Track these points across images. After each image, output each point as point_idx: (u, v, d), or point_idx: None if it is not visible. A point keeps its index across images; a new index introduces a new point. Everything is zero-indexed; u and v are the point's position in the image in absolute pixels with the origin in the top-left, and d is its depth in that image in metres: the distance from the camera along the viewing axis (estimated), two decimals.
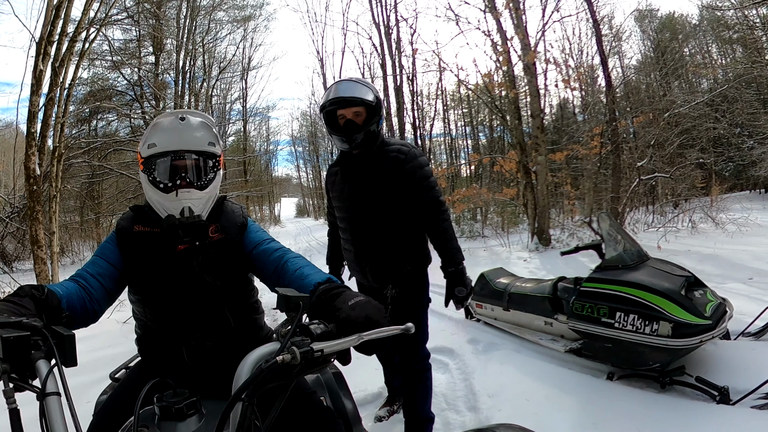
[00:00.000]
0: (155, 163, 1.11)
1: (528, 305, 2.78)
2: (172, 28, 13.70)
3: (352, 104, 1.61)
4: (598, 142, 8.11)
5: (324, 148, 27.49)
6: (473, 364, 2.54)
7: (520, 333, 2.82)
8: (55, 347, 0.65)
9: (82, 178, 11.99)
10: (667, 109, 7.46)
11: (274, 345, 0.68)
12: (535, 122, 8.13)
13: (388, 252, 1.74)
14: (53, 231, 5.65)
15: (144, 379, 0.80)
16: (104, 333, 3.74)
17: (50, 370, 0.61)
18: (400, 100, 11.40)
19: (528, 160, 8.09)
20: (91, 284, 1.04)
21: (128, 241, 1.14)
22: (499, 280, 3.12)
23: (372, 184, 1.69)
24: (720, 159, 10.86)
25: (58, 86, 5.55)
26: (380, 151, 1.71)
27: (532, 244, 7.82)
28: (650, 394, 2.05)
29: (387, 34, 11.70)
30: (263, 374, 0.59)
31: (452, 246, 1.71)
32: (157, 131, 1.12)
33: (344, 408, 1.28)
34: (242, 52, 16.49)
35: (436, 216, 1.70)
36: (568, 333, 2.55)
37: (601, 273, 2.36)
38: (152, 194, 1.13)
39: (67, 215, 12.08)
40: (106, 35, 11.33)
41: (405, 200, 1.70)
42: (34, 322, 0.68)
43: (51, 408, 0.58)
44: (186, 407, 0.77)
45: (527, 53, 7.79)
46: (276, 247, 1.14)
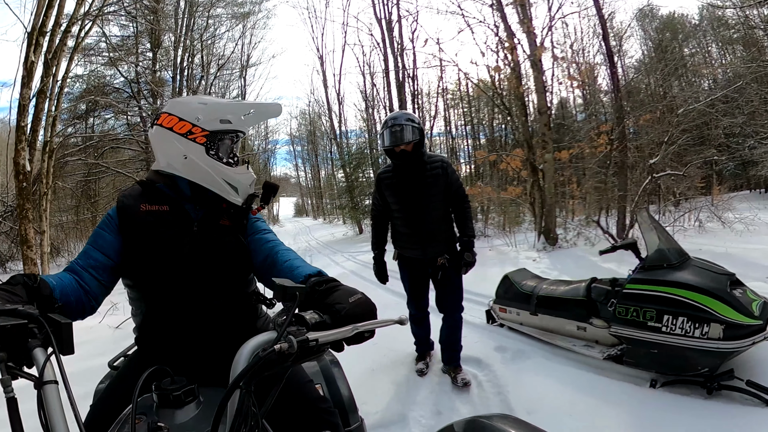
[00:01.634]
0: (223, 138, 1.13)
1: (559, 309, 2.57)
2: (170, 24, 13.47)
3: (411, 143, 2.30)
4: (605, 140, 7.97)
5: (323, 147, 27.30)
6: (505, 375, 2.34)
7: (550, 339, 2.62)
8: (53, 335, 0.64)
9: (77, 177, 11.73)
10: (677, 106, 7.29)
11: (270, 334, 0.68)
12: (542, 119, 7.94)
13: (438, 232, 2.45)
14: (44, 230, 5.39)
15: (142, 367, 0.79)
16: (95, 340, 3.51)
17: (47, 359, 0.61)
18: (402, 97, 11.21)
19: (535, 158, 7.90)
20: (84, 279, 1.00)
21: (132, 222, 1.08)
22: (525, 282, 2.91)
23: (426, 183, 2.38)
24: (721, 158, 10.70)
25: (51, 79, 5.30)
26: (428, 161, 2.40)
27: (539, 244, 7.64)
28: (697, 401, 1.93)
29: (389, 30, 11.51)
30: (261, 362, 0.60)
31: (469, 224, 2.47)
32: (223, 107, 1.14)
33: (341, 396, 1.31)
34: (241, 49, 16.25)
35: (463, 204, 2.48)
36: (603, 338, 2.37)
37: (645, 273, 2.18)
38: (212, 167, 1.11)
39: (62, 214, 11.80)
40: (104, 31, 11.13)
41: (445, 194, 2.42)
42: (29, 309, 0.67)
43: (49, 397, 0.57)
44: (184, 394, 0.77)
45: (534, 49, 7.61)
46: (271, 239, 1.16)
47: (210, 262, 1.08)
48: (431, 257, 2.43)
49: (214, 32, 15.16)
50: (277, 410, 0.98)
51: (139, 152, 12.01)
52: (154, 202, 1.10)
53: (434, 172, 2.37)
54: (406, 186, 2.39)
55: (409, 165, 2.35)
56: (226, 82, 16.54)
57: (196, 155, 1.10)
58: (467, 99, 18.34)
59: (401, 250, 2.55)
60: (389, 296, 4.65)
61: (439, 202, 2.41)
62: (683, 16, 16.52)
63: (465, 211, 2.47)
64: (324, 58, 17.71)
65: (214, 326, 1.09)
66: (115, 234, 1.07)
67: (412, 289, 2.59)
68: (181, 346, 1.08)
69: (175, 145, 1.10)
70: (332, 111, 18.25)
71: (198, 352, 1.08)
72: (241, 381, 0.60)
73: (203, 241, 1.09)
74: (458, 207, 2.46)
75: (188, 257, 1.07)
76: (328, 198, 27.44)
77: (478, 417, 0.75)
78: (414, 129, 2.27)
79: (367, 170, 17.33)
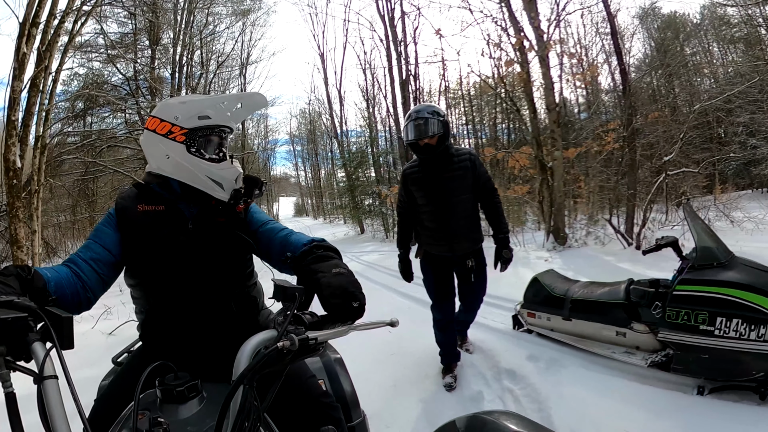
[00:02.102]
0: (204, 134, 1.13)
1: (596, 313, 2.37)
2: (169, 19, 13.26)
3: (434, 136, 2.21)
4: (612, 138, 7.81)
5: (323, 146, 27.09)
6: (543, 388, 2.12)
7: (586, 346, 2.41)
8: (53, 329, 0.62)
9: (74, 175, 11.51)
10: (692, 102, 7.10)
11: (271, 332, 0.70)
12: (550, 116, 7.76)
13: (466, 228, 2.37)
14: (34, 230, 5.15)
15: (146, 362, 0.78)
16: (87, 347, 3.28)
17: (47, 353, 0.59)
18: (406, 94, 11.01)
19: (543, 156, 7.70)
20: (83, 270, 1.00)
21: (130, 222, 1.09)
22: (556, 284, 2.70)
23: (454, 177, 2.28)
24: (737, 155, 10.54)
25: (44, 71, 5.07)
26: (456, 154, 2.30)
27: (548, 243, 7.44)
28: (750, 407, 1.81)
29: (392, 26, 11.31)
30: (264, 359, 0.62)
31: (503, 219, 2.40)
32: (201, 103, 1.14)
33: (343, 391, 1.33)
34: (241, 47, 16.04)
35: (493, 198, 2.40)
36: (645, 344, 2.18)
37: (695, 273, 2.00)
38: (194, 164, 1.11)
39: (59, 214, 11.58)
40: (102, 27, 10.92)
41: (474, 188, 2.33)
42: (26, 302, 0.65)
43: (49, 392, 0.56)
44: (187, 390, 0.78)
45: (542, 45, 7.42)
46: (279, 227, 1.19)
47: (207, 258, 1.10)
48: (459, 255, 2.35)
49: (213, 29, 14.96)
50: (281, 405, 0.99)
51: (137, 151, 11.79)
52: (150, 203, 1.12)
53: (462, 164, 2.29)
54: (433, 180, 2.30)
55: (436, 159, 2.26)
56: (226, 80, 16.34)
57: (177, 154, 1.11)
58: (468, 98, 18.15)
59: (428, 247, 2.44)
60: (402, 300, 4.45)
61: (468, 197, 2.33)
62: (684, 15, 16.46)
63: (496, 206, 2.39)
64: (325, 56, 17.53)
65: (216, 322, 1.11)
66: (116, 231, 1.09)
67: (438, 290, 2.44)
68: (184, 342, 1.09)
69: (159, 146, 1.12)
70: (333, 109, 18.04)
71: (201, 348, 1.08)
72: (245, 378, 0.61)
73: (199, 239, 1.10)
74: (488, 202, 2.39)
75: (185, 255, 1.08)
76: (329, 198, 27.25)
77: (479, 413, 0.76)
78: (438, 122, 2.19)
79: (368, 170, 17.14)
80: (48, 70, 5.09)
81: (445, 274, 2.43)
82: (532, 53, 7.69)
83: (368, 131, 17.10)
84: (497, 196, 2.41)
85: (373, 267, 8.10)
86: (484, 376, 2.38)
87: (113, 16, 12.30)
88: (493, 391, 2.21)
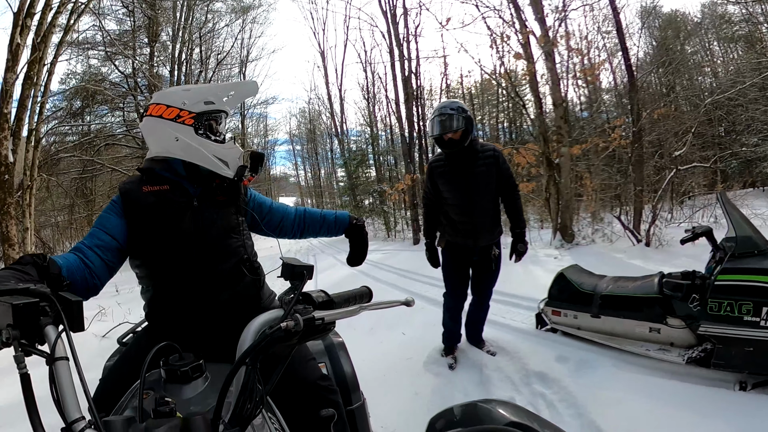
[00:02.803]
0: (211, 117, 1.22)
1: (627, 310, 2.21)
2: (168, 16, 13.12)
3: (458, 131, 2.32)
4: (618, 135, 7.71)
5: (323, 146, 26.95)
6: (578, 392, 1.95)
7: (618, 344, 2.26)
8: (63, 313, 0.64)
9: (72, 174, 11.35)
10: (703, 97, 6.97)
11: (277, 312, 0.69)
12: (557, 111, 7.62)
13: (490, 221, 2.46)
14: (27, 227, 4.97)
15: (151, 343, 0.80)
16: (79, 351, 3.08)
17: (58, 336, 0.61)
18: (408, 90, 10.86)
19: (550, 152, 7.55)
20: (89, 258, 1.03)
21: (135, 203, 1.13)
22: (583, 280, 2.54)
23: (480, 172, 2.38)
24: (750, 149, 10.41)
25: (38, 63, 4.91)
26: (480, 149, 2.41)
27: (556, 241, 7.30)
28: None
29: (394, 22, 11.18)
30: (267, 340, 0.60)
31: (521, 216, 2.51)
32: (205, 90, 1.23)
33: (344, 374, 1.34)
34: (240, 44, 15.89)
35: (513, 193, 2.50)
36: (680, 339, 2.05)
37: (736, 262, 1.87)
38: (202, 145, 1.18)
39: (57, 214, 11.42)
40: (102, 23, 10.78)
41: (497, 183, 2.42)
42: (41, 288, 0.68)
43: (60, 372, 0.58)
44: (191, 370, 0.79)
45: (548, 41, 7.29)
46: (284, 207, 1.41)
47: (211, 235, 1.14)
48: (482, 246, 2.45)
49: (213, 26, 14.82)
50: (280, 387, 0.99)
51: (135, 149, 11.64)
52: (154, 184, 1.16)
53: (487, 160, 2.39)
54: (458, 175, 2.41)
55: (461, 154, 2.37)
56: (225, 78, 16.17)
57: (186, 136, 1.17)
58: (469, 97, 18.01)
59: (451, 238, 2.53)
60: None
61: (491, 192, 2.42)
62: (685, 14, 16.46)
63: (516, 202, 2.49)
64: (325, 53, 17.37)
65: (220, 301, 1.14)
66: (120, 217, 1.12)
67: (454, 278, 2.59)
68: (188, 322, 1.12)
69: (166, 130, 1.17)
70: (333, 107, 17.89)
71: (205, 328, 1.12)
72: (247, 358, 0.60)
73: (204, 215, 1.15)
74: (509, 197, 2.48)
75: (191, 231, 1.12)
76: (328, 197, 27.10)
77: (477, 401, 0.78)
78: (461, 118, 2.30)
79: (368, 170, 16.99)
80: (42, 62, 4.93)
81: (464, 263, 2.55)
82: (538, 49, 7.57)
83: (369, 130, 16.94)
84: (518, 192, 2.51)
85: (378, 266, 7.94)
86: (512, 380, 2.25)
87: (112, 13, 12.19)
88: (524, 397, 2.06)
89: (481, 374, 2.37)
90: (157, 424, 0.58)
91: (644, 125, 7.98)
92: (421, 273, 6.37)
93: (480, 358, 2.54)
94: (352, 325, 3.66)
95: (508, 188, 2.45)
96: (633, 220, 7.06)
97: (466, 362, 2.57)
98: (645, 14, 15.80)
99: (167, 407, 0.61)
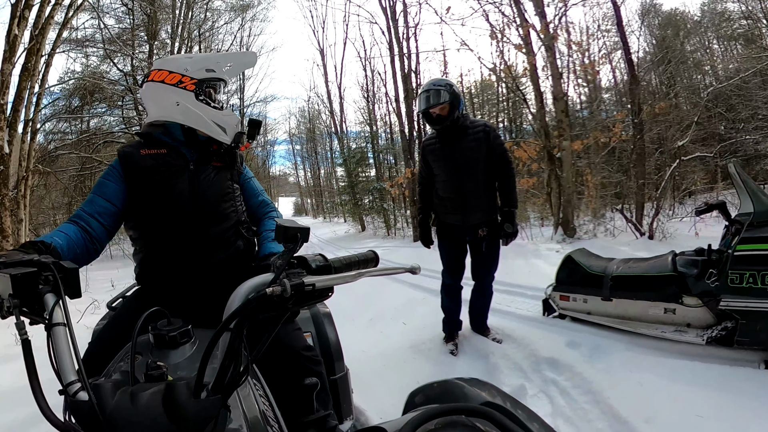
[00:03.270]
0: (210, 84, 1.24)
1: (640, 290, 2.15)
2: (167, 15, 13.07)
3: (443, 105, 2.32)
4: (619, 129, 7.69)
5: (322, 145, 26.90)
6: (593, 377, 1.87)
7: (632, 328, 2.18)
8: (60, 281, 0.66)
9: (70, 171, 11.28)
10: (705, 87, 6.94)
11: (267, 276, 0.66)
12: (558, 105, 7.58)
13: (479, 198, 2.40)
14: (21, 218, 4.89)
15: (140, 308, 0.82)
16: None
17: (56, 303, 0.63)
18: (408, 87, 10.82)
19: (552, 146, 7.52)
20: (90, 225, 1.07)
21: (134, 166, 1.16)
22: (592, 262, 2.47)
23: (469, 148, 2.36)
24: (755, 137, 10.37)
25: (35, 54, 4.86)
26: (470, 125, 2.40)
27: (557, 236, 7.25)
28: None
29: (394, 19, 11.13)
30: (252, 305, 0.58)
31: (513, 194, 2.42)
32: (207, 59, 1.27)
33: (329, 344, 1.38)
34: (240, 42, 15.82)
35: (507, 169, 2.41)
36: (697, 319, 1.99)
37: (756, 231, 1.81)
38: (203, 111, 1.20)
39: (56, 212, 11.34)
40: (102, 20, 10.72)
41: (488, 160, 2.38)
42: (43, 258, 0.71)
43: (58, 337, 0.60)
44: (179, 335, 0.80)
45: (548, 35, 7.26)
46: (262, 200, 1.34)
47: (206, 198, 1.17)
48: (471, 225, 2.42)
49: (212, 25, 14.76)
50: (265, 355, 0.99)
51: None
52: (152, 147, 1.19)
53: (477, 136, 2.37)
54: (447, 151, 2.40)
55: (451, 130, 2.37)
56: None
57: (187, 101, 1.20)
58: (469, 96, 17.97)
59: (442, 216, 2.54)
60: (415, 292, 4.24)
61: (482, 168, 2.38)
62: (685, 13, 16.48)
63: (509, 179, 2.41)
64: (324, 51, 17.32)
65: (211, 265, 1.15)
66: (118, 182, 1.15)
67: (450, 257, 2.56)
68: (178, 284, 1.14)
69: (168, 95, 1.20)
70: (333, 105, 17.84)
71: (195, 292, 1.13)
72: (231, 323, 0.58)
73: (199, 179, 1.18)
74: (501, 173, 2.41)
75: (186, 193, 1.15)
76: (328, 196, 27.03)
77: (456, 379, 0.79)
78: (444, 92, 2.31)
79: (368, 168, 16.93)
80: (40, 53, 4.88)
81: (458, 243, 2.51)
82: (539, 42, 7.53)
83: (368, 128, 16.89)
84: (511, 169, 2.41)
85: (381, 262, 7.89)
86: (521, 368, 2.18)
87: (111, 12, 12.13)
88: (535, 385, 1.98)
89: (488, 362, 2.30)
90: (143, 388, 0.57)
91: (645, 119, 7.99)
92: (423, 267, 6.33)
93: (485, 346, 2.47)
94: (351, 316, 3.60)
95: (500, 164, 2.39)
96: (635, 214, 7.03)
97: (471, 350, 2.50)
98: (645, 12, 15.82)
99: (159, 371, 0.61)
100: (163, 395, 0.55)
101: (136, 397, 0.55)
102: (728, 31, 14.94)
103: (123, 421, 0.52)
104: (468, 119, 2.41)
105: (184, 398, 0.55)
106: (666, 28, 16.11)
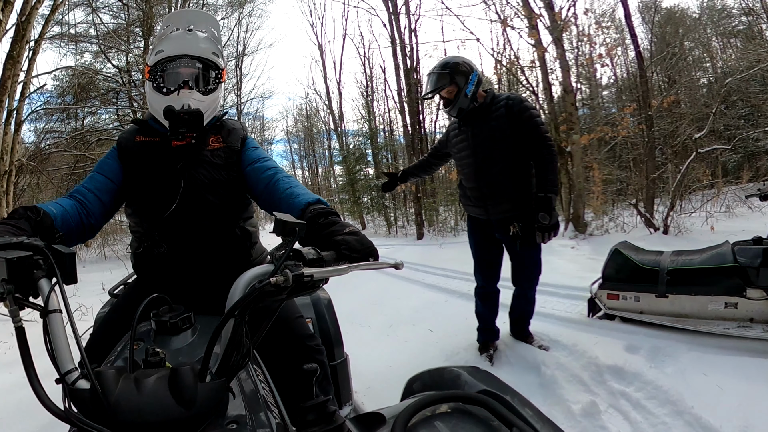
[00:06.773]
0: (161, 68, 1.15)
1: (700, 285, 1.94)
2: (163, 11, 12.77)
3: (442, 89, 2.08)
4: (627, 123, 7.54)
5: (320, 144, 26.63)
6: (668, 384, 1.63)
7: (691, 326, 1.96)
8: (56, 266, 0.64)
9: (63, 171, 10.97)
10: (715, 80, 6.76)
11: (267, 267, 0.69)
12: (568, 98, 7.37)
13: (503, 187, 2.08)
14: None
15: (141, 295, 0.81)
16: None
17: (51, 288, 0.62)
18: (410, 81, 10.59)
19: (561, 140, 7.31)
20: (88, 199, 1.06)
21: (129, 151, 1.17)
22: (642, 257, 2.23)
23: (489, 128, 2.07)
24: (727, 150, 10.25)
25: (20, 41, 4.57)
26: (492, 103, 2.10)
27: (569, 232, 7.05)
28: None
29: (395, 12, 10.90)
30: (256, 293, 0.60)
31: (552, 176, 2.01)
32: (165, 40, 1.17)
33: (328, 330, 1.42)
34: (237, 38, 15.54)
35: (541, 145, 2.02)
36: (761, 313, 1.81)
37: None
38: (154, 100, 1.15)
39: None
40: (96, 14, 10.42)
41: (514, 140, 2.03)
42: (35, 242, 0.68)
43: (54, 324, 0.59)
44: (180, 321, 0.82)
45: (557, 26, 7.06)
46: (270, 165, 1.16)
47: (199, 188, 1.12)
48: (497, 219, 2.14)
49: None
50: (268, 342, 0.99)
51: None
52: (147, 135, 1.18)
53: (497, 113, 2.06)
54: (466, 135, 2.17)
55: (472, 113, 2.12)
56: None
57: (148, 92, 1.17)
58: None
59: (466, 209, 2.37)
60: (433, 293, 4.00)
61: (506, 150, 2.06)
62: (684, 10, 16.47)
63: (545, 158, 2.02)
64: (323, 47, 17.06)
65: (204, 256, 1.13)
66: (116, 161, 1.15)
67: (478, 255, 2.32)
68: (177, 273, 1.13)
69: (147, 87, 1.17)
70: (332, 102, 17.57)
71: (195, 281, 1.12)
72: (236, 311, 0.60)
73: (191, 170, 1.13)
74: (536, 152, 2.04)
75: (177, 183, 1.11)
76: (326, 195, 26.76)
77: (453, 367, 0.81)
78: (444, 75, 2.07)
79: (367, 167, 16.70)
80: (25, 40, 4.59)
81: (487, 238, 2.25)
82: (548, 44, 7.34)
83: (367, 126, 16.63)
84: (547, 144, 2.02)
85: None
86: (582, 380, 1.90)
87: (105, 8, 11.84)
88: (603, 399, 1.72)
89: (541, 374, 2.01)
90: (147, 374, 0.58)
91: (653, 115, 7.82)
92: (432, 265, 6.11)
93: (533, 356, 2.17)
94: (364, 321, 3.34)
95: (533, 140, 2.01)
96: (646, 209, 6.85)
97: (518, 361, 2.20)
98: (645, 9, 15.71)
99: (157, 357, 0.63)
100: (169, 380, 0.56)
101: (140, 383, 0.55)
102: (728, 28, 14.89)
103: (128, 407, 0.52)
104: (490, 97, 2.11)
105: (190, 382, 0.56)
106: (666, 26, 16.04)
